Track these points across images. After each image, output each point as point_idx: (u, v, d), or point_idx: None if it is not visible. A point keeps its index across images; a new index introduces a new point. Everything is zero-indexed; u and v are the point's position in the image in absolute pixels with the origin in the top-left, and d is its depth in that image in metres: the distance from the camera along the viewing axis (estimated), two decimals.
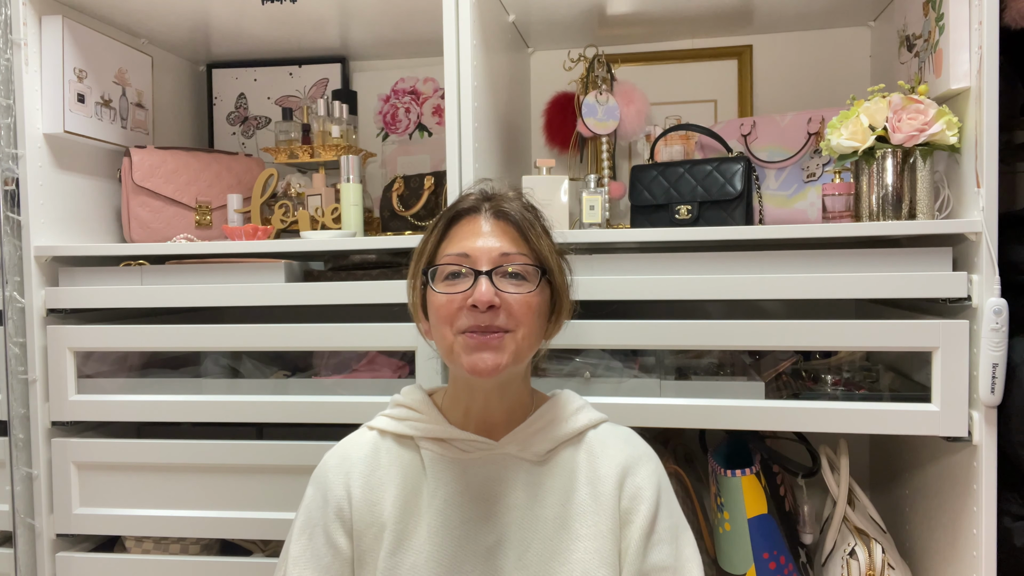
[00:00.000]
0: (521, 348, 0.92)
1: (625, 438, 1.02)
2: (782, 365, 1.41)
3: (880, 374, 1.43)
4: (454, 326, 0.91)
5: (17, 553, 1.49)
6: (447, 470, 0.98)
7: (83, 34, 1.55)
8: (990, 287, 1.14)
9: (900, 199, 1.24)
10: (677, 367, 1.43)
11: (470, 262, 0.92)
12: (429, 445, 0.99)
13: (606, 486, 0.96)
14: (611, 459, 0.98)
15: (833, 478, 1.36)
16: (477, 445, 0.98)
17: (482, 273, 0.91)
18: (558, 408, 1.02)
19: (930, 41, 1.29)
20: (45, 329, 1.48)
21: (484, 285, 0.90)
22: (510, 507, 0.96)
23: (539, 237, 0.96)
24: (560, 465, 0.98)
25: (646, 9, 1.61)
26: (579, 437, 1.01)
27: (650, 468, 0.99)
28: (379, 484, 0.98)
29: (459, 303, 0.91)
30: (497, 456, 0.98)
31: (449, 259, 0.93)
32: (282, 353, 1.62)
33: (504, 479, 0.97)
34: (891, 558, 1.26)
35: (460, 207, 0.97)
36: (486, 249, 0.92)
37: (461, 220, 0.97)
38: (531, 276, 0.93)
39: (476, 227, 0.95)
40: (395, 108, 1.97)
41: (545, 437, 0.99)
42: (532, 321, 0.93)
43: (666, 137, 1.57)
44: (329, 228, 1.62)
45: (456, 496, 0.96)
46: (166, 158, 1.67)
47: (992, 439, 1.16)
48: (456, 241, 0.95)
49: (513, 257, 0.93)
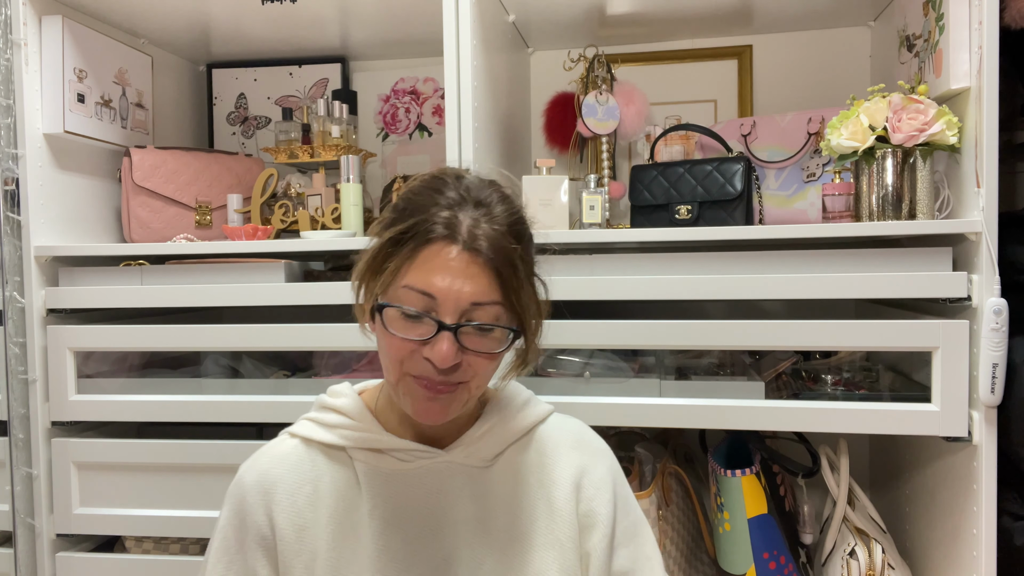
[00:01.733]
0: (472, 395, 0.84)
1: (576, 434, 0.95)
2: (782, 365, 1.41)
3: (880, 374, 1.43)
4: (403, 366, 0.81)
5: (17, 553, 1.49)
6: (385, 485, 0.87)
7: (83, 34, 1.55)
8: (990, 287, 1.14)
9: (900, 199, 1.24)
10: (677, 367, 1.43)
11: (434, 305, 0.78)
12: (363, 456, 0.88)
13: (561, 490, 0.90)
14: (564, 459, 0.92)
15: (833, 478, 1.36)
16: (418, 455, 0.88)
17: (447, 328, 0.77)
18: (505, 404, 0.93)
19: (930, 41, 1.29)
20: (45, 329, 1.48)
21: (446, 344, 0.77)
22: (457, 521, 0.87)
23: (520, 286, 0.81)
24: (508, 469, 0.90)
25: (646, 9, 1.61)
26: (527, 435, 0.93)
27: (605, 466, 0.93)
28: (307, 504, 0.86)
29: (414, 347, 0.79)
30: (440, 465, 0.88)
31: (411, 296, 0.78)
32: (282, 353, 1.62)
33: (448, 491, 0.88)
34: (891, 558, 1.26)
35: (433, 232, 0.79)
36: (454, 293, 0.77)
37: (432, 245, 0.79)
38: (501, 336, 0.81)
39: (445, 260, 0.78)
40: (395, 108, 1.97)
41: (493, 440, 0.90)
42: (489, 372, 0.84)
43: (666, 137, 1.57)
44: (329, 228, 1.62)
45: (397, 514, 0.86)
46: (166, 158, 1.67)
47: (992, 439, 1.16)
48: (421, 271, 0.78)
49: (485, 309, 0.79)
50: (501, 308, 0.80)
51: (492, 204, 0.82)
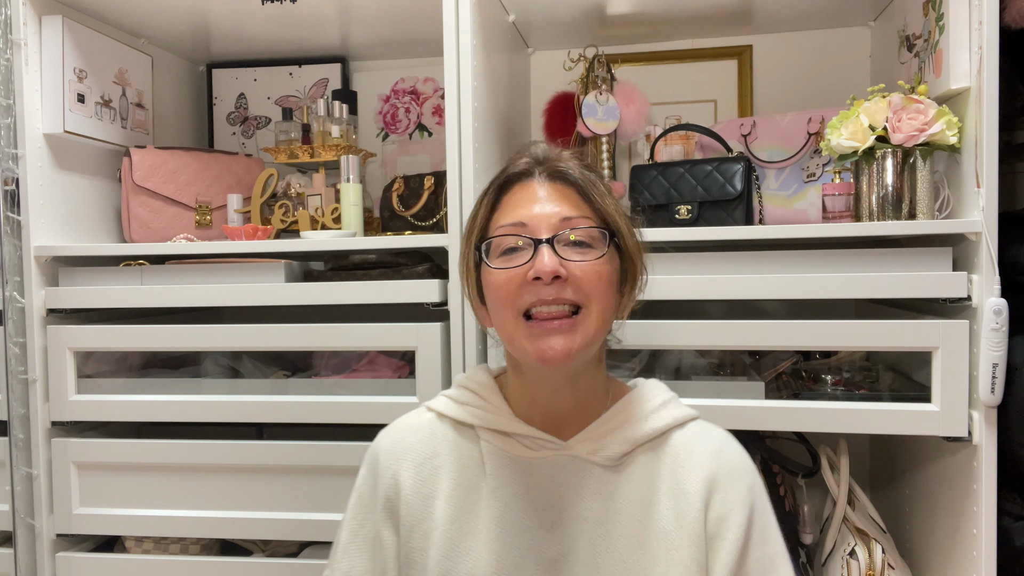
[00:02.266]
0: (594, 327, 0.82)
1: (717, 445, 0.89)
2: (782, 365, 1.41)
3: (880, 374, 1.43)
4: (516, 306, 0.81)
5: (17, 553, 1.49)
6: (509, 468, 0.87)
7: (83, 34, 1.55)
8: (990, 287, 1.14)
9: (900, 199, 1.24)
10: (677, 367, 1.42)
11: (528, 231, 0.82)
12: (490, 437, 0.89)
13: (691, 504, 0.84)
14: (698, 470, 0.86)
15: (833, 478, 1.36)
16: (543, 444, 0.87)
17: (542, 242, 0.80)
18: (637, 403, 0.90)
19: (930, 41, 1.29)
20: (45, 329, 1.48)
21: (546, 254, 0.79)
22: (579, 518, 0.85)
23: (603, 196, 0.85)
24: (638, 472, 0.86)
25: (646, 9, 1.61)
26: (661, 439, 0.88)
27: (744, 485, 0.86)
28: (433, 475, 0.88)
29: (519, 279, 0.80)
30: (565, 458, 0.87)
31: (504, 230, 0.83)
32: (282, 353, 1.62)
33: (572, 485, 0.86)
34: (891, 558, 1.26)
35: (510, 171, 0.86)
36: (544, 215, 0.82)
37: (513, 187, 0.86)
38: (598, 241, 0.83)
39: (531, 192, 0.84)
40: (395, 108, 1.97)
41: (620, 438, 0.87)
42: (604, 293, 0.82)
43: (666, 137, 1.57)
44: (329, 228, 1.62)
45: (518, 499, 0.86)
46: (166, 158, 1.67)
47: (992, 439, 1.16)
48: (510, 210, 0.84)
49: (576, 221, 0.82)
50: (591, 221, 0.83)
51: (560, 151, 0.89)
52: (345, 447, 1.39)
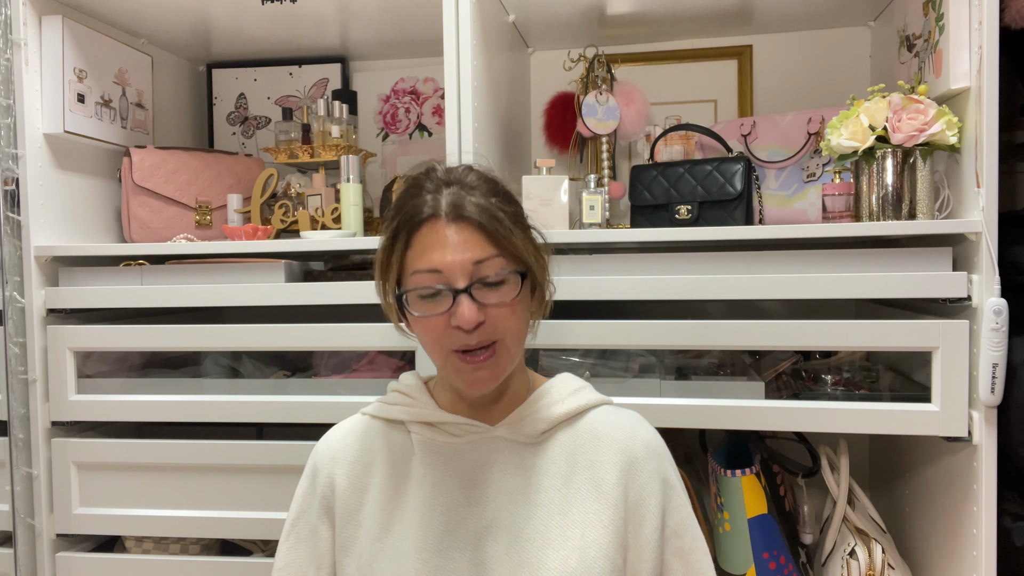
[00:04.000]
0: (512, 353, 0.90)
1: (631, 423, 0.97)
2: (782, 365, 1.41)
3: (880, 374, 1.43)
4: (443, 346, 0.88)
5: (17, 553, 1.49)
6: (437, 454, 0.95)
7: (83, 34, 1.55)
8: (990, 287, 1.14)
9: (900, 199, 1.24)
10: (677, 367, 1.42)
11: (443, 279, 0.86)
12: (419, 429, 0.97)
13: (609, 475, 0.92)
14: (615, 445, 0.94)
15: (833, 478, 1.36)
16: (468, 428, 0.95)
17: (460, 291, 0.85)
18: (555, 389, 0.99)
19: (930, 41, 1.29)
20: (45, 329, 1.48)
21: (465, 306, 0.85)
22: (502, 491, 0.92)
23: (509, 233, 0.87)
24: (556, 447, 0.95)
25: (646, 9, 1.62)
26: (577, 418, 0.97)
27: (657, 458, 0.95)
28: (365, 470, 0.96)
29: (443, 323, 0.87)
30: (489, 439, 0.95)
31: (421, 278, 0.86)
32: (282, 353, 1.62)
33: (495, 462, 0.94)
34: (891, 558, 1.26)
35: (419, 216, 0.87)
36: (457, 262, 0.85)
37: (422, 228, 0.87)
38: (510, 280, 0.87)
39: (440, 235, 0.86)
40: (395, 108, 1.97)
41: (539, 418, 0.95)
42: (518, 324, 0.90)
43: (666, 137, 1.57)
44: (329, 228, 1.62)
45: (445, 480, 0.93)
46: (166, 158, 1.67)
47: (992, 439, 1.16)
48: (422, 252, 0.87)
49: (487, 264, 0.86)
50: (501, 259, 0.87)
51: (463, 177, 0.90)
52: None
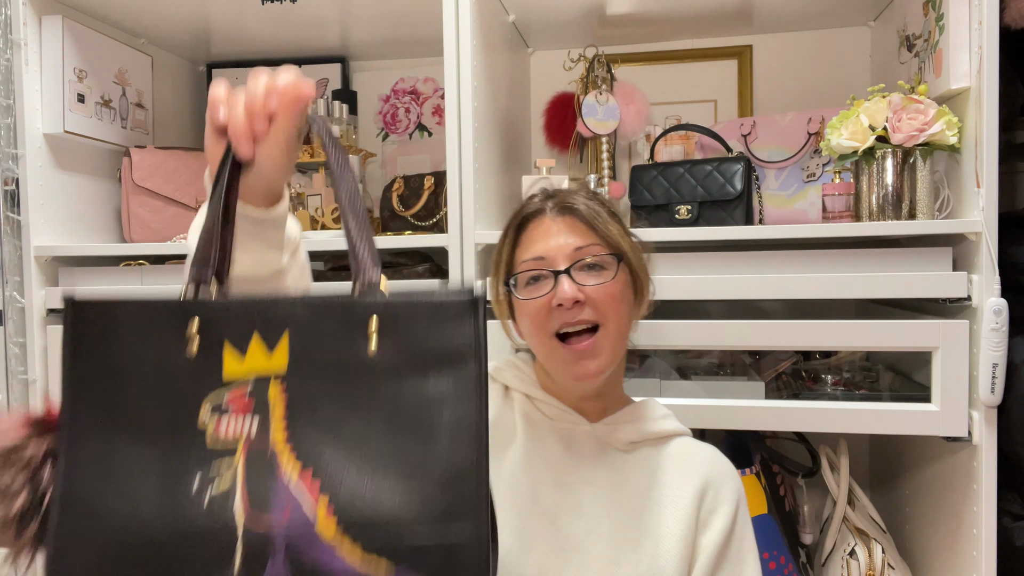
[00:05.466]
0: (614, 342, 0.94)
1: (711, 453, 1.02)
2: (782, 365, 1.41)
3: (880, 374, 1.43)
4: (547, 329, 0.93)
5: None
6: (534, 427, 0.99)
7: (83, 34, 1.55)
8: (990, 287, 1.14)
9: (900, 199, 1.24)
10: (677, 367, 1.43)
11: (547, 264, 0.94)
12: (521, 399, 1.03)
13: (687, 493, 0.96)
14: (696, 469, 0.98)
15: (833, 478, 1.36)
16: (564, 415, 1.00)
17: (560, 272, 0.93)
18: (647, 408, 1.04)
19: (930, 41, 1.29)
20: (45, 329, 1.48)
21: (565, 284, 0.92)
22: (588, 481, 0.96)
23: (607, 224, 0.96)
24: (641, 461, 0.99)
25: (646, 9, 1.61)
26: (663, 441, 1.01)
27: (733, 485, 0.99)
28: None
29: (546, 306, 0.93)
30: (582, 432, 0.99)
31: (526, 265, 0.96)
32: None
33: (587, 455, 0.98)
34: (891, 558, 1.26)
35: (525, 212, 0.99)
36: (559, 247, 0.94)
37: (529, 224, 0.99)
38: (608, 264, 0.95)
39: (545, 228, 0.97)
40: (395, 108, 1.97)
41: (633, 429, 1.00)
42: (617, 310, 0.94)
43: (666, 137, 1.57)
44: (329, 228, 1.62)
45: (537, 453, 0.97)
46: (166, 158, 1.67)
47: (992, 439, 1.16)
48: (529, 245, 0.97)
49: (586, 249, 0.94)
50: (599, 246, 0.95)
51: (570, 187, 1.04)
52: None
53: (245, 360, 0.59)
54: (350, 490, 0.56)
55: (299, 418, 0.58)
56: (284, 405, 0.58)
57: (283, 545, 0.55)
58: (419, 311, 0.59)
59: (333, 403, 0.58)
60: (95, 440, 0.59)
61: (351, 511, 0.55)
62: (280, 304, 0.60)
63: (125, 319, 0.61)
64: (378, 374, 0.58)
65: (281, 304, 0.60)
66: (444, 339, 0.59)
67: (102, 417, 0.59)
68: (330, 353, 0.59)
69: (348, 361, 0.59)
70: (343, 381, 0.58)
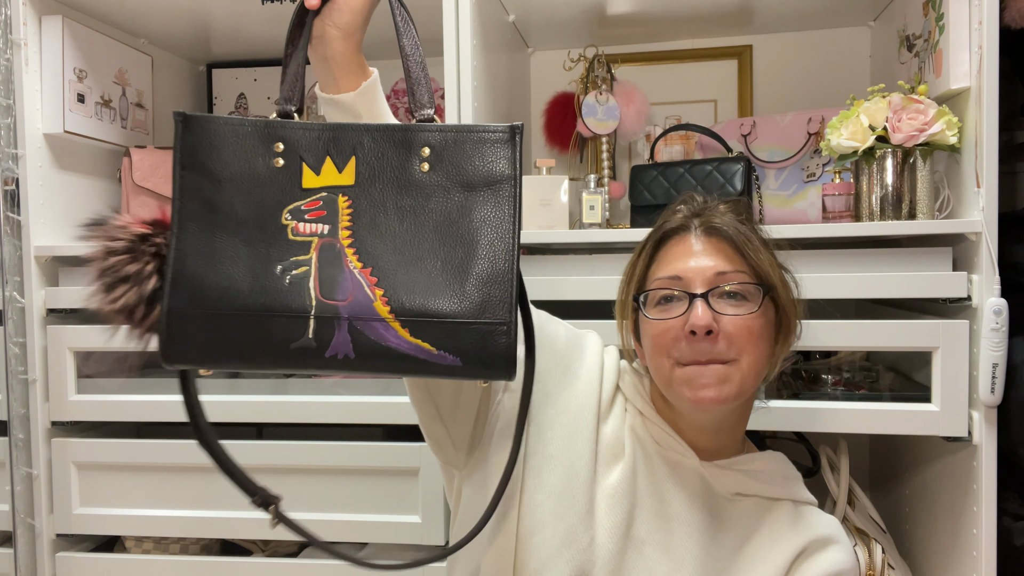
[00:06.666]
0: (746, 379, 0.84)
1: (826, 523, 0.92)
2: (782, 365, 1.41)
3: (880, 374, 1.43)
4: (671, 356, 0.85)
5: (17, 553, 1.49)
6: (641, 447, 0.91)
7: (83, 34, 1.55)
8: (990, 287, 1.14)
9: (900, 199, 1.24)
10: None
11: (683, 284, 0.85)
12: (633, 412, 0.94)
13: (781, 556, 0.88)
14: (800, 533, 0.89)
15: (833, 478, 1.36)
16: (673, 444, 0.91)
17: (697, 296, 0.84)
18: (773, 463, 0.95)
19: (930, 41, 1.29)
20: (45, 329, 1.48)
21: (700, 308, 0.83)
22: (682, 519, 0.88)
23: (757, 251, 0.87)
24: (745, 513, 0.91)
25: (646, 9, 1.61)
26: (776, 501, 0.92)
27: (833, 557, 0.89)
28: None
29: (675, 330, 0.84)
30: (686, 466, 0.91)
31: (660, 283, 0.87)
32: None
33: (688, 490, 0.90)
34: (891, 558, 1.26)
35: (667, 227, 0.91)
36: (699, 269, 0.85)
37: (670, 240, 0.90)
38: (752, 295, 0.85)
39: (687, 247, 0.88)
40: (395, 108, 1.97)
41: (741, 481, 0.91)
42: (755, 347, 0.84)
43: (666, 137, 1.57)
44: None
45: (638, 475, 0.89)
46: (166, 158, 1.67)
47: (992, 439, 1.16)
48: (666, 263, 0.88)
49: (730, 276, 0.85)
50: (744, 274, 0.86)
51: (715, 202, 0.93)
52: (345, 447, 1.39)
53: (320, 176, 0.73)
54: (402, 284, 0.69)
55: (361, 225, 0.72)
56: (349, 214, 0.72)
57: (347, 319, 0.69)
58: (466, 139, 0.73)
59: (390, 214, 0.72)
60: (199, 232, 0.73)
61: (403, 302, 0.69)
62: (349, 131, 0.73)
63: (226, 134, 0.74)
64: (429, 190, 0.72)
65: (351, 131, 0.73)
66: (486, 163, 0.72)
67: (204, 213, 0.74)
68: (389, 173, 0.72)
69: (404, 179, 0.72)
70: (400, 196, 0.72)
